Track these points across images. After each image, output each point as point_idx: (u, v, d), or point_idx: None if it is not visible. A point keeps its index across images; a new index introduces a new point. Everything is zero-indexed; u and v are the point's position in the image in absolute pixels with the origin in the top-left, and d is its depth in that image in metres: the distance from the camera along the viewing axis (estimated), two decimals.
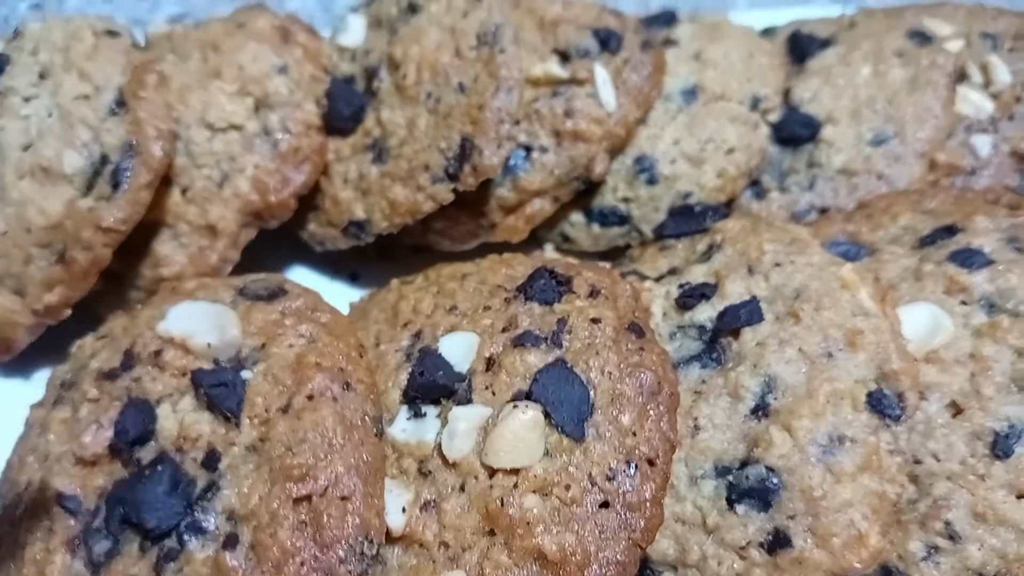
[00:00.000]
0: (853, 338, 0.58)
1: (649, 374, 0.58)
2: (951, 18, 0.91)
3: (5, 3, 1.21)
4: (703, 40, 0.85)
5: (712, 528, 0.56)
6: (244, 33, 0.75)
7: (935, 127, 0.81)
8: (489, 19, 0.72)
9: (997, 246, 0.66)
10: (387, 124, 0.75)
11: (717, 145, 0.79)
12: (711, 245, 0.69)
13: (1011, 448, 0.58)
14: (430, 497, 0.56)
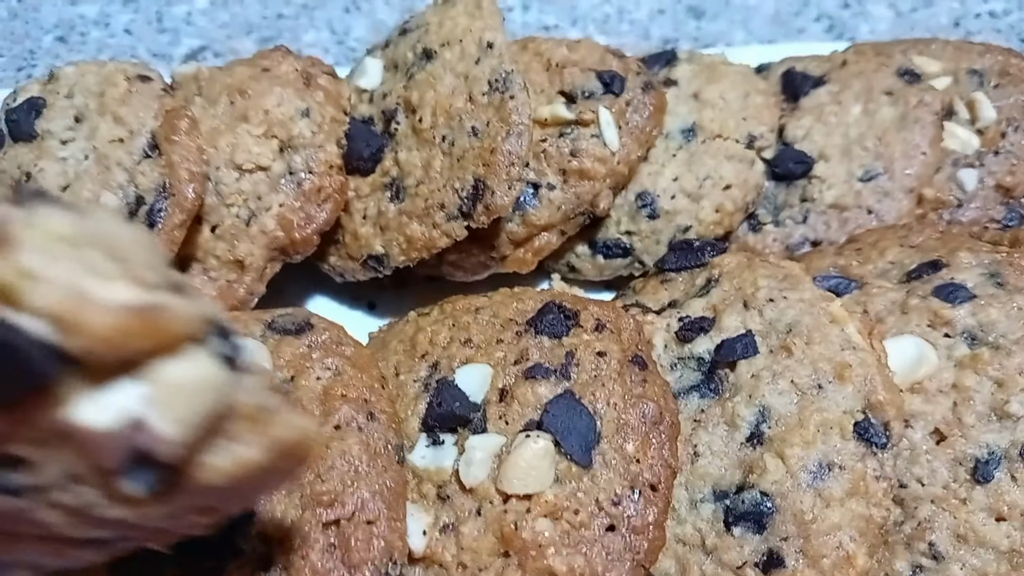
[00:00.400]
0: (841, 371, 0.62)
1: (652, 404, 0.62)
2: (939, 55, 0.95)
3: (30, 36, 1.25)
4: (701, 80, 0.89)
5: (711, 549, 0.60)
6: (269, 78, 0.80)
7: (922, 163, 0.86)
8: (500, 67, 0.77)
9: (979, 281, 0.70)
10: (404, 165, 0.79)
11: (715, 182, 0.84)
12: (709, 279, 0.73)
13: (991, 474, 0.62)
14: (449, 520, 0.60)
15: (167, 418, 0.30)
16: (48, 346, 0.27)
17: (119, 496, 0.33)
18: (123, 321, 0.27)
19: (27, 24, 1.27)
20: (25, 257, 0.27)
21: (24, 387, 0.28)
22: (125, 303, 0.27)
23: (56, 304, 0.27)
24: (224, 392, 0.31)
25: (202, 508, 0.36)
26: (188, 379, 0.29)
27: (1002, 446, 0.62)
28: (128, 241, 0.30)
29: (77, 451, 0.30)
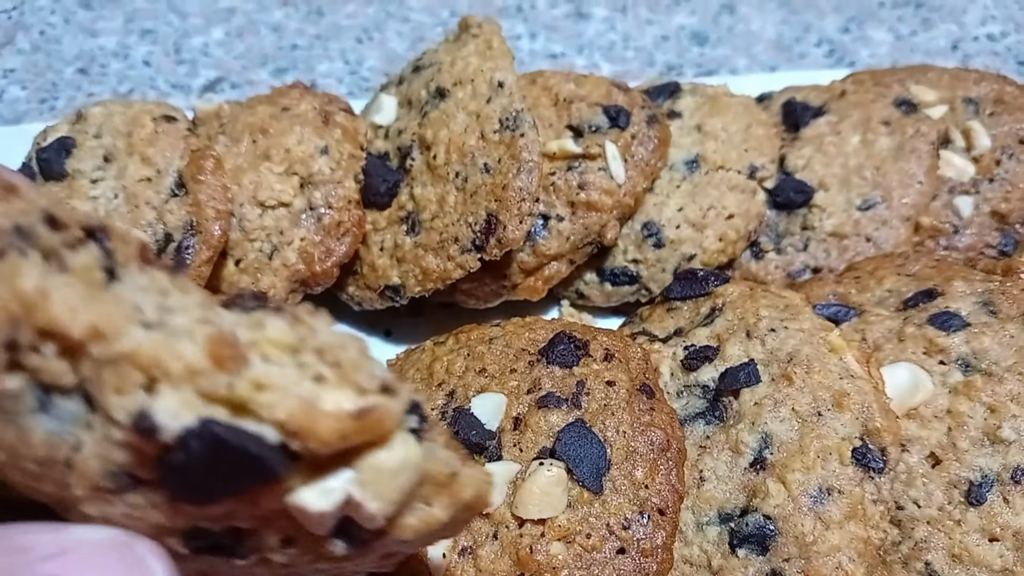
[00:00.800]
0: (840, 399, 0.65)
1: (659, 432, 0.65)
2: (935, 84, 0.98)
3: (52, 68, 1.29)
4: (704, 112, 0.93)
5: (716, 570, 0.63)
6: (289, 117, 0.83)
7: (919, 192, 0.89)
8: (510, 105, 0.80)
9: (973, 309, 0.73)
10: (419, 200, 0.83)
11: (718, 211, 0.87)
12: (713, 308, 0.76)
13: (984, 496, 0.64)
14: (467, 544, 0.63)
15: (374, 498, 0.33)
16: (278, 448, 0.31)
17: (324, 555, 0.37)
18: (344, 426, 0.31)
19: (49, 56, 1.31)
20: (256, 371, 0.31)
21: (255, 482, 0.31)
22: (346, 412, 0.31)
23: (287, 416, 0.30)
24: (421, 468, 0.35)
25: (387, 555, 0.41)
26: (392, 463, 0.33)
27: (994, 470, 0.65)
28: (338, 344, 0.33)
29: (294, 524, 0.34)
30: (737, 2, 1.38)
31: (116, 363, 0.30)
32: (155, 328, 0.31)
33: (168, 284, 0.34)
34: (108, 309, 0.30)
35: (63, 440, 0.32)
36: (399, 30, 1.34)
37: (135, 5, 1.38)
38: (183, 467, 0.30)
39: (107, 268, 0.32)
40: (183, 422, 0.30)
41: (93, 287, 0.31)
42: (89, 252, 0.32)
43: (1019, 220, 0.91)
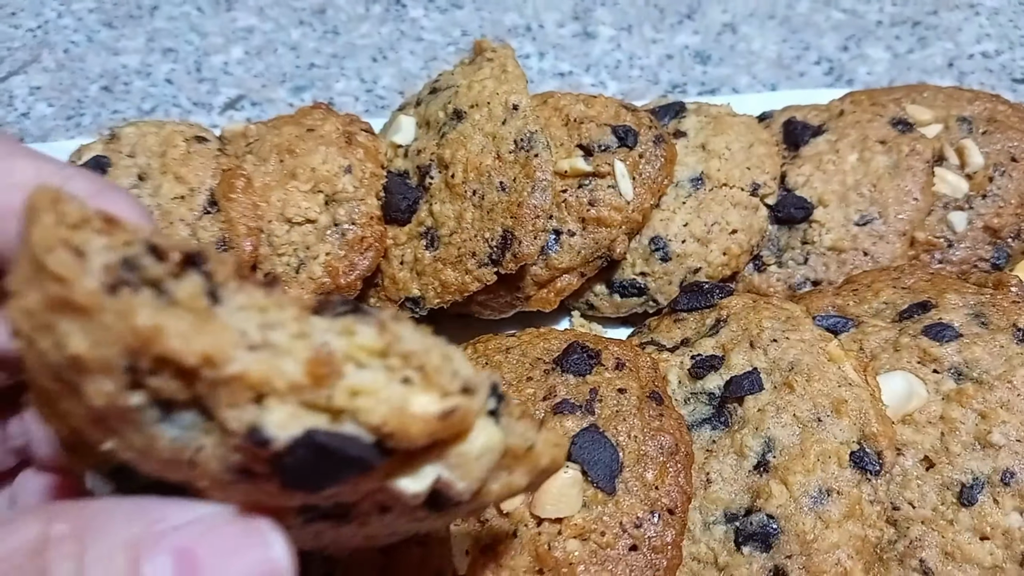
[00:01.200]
0: (838, 406, 0.69)
1: (668, 436, 0.69)
2: (931, 103, 1.02)
3: (77, 86, 1.34)
4: (708, 132, 0.97)
5: (723, 566, 0.67)
6: (314, 137, 0.88)
7: (914, 208, 0.93)
8: (525, 127, 0.85)
9: (965, 321, 0.77)
10: (438, 216, 0.87)
11: (722, 227, 0.91)
12: (718, 320, 0.81)
13: (975, 497, 0.68)
14: (487, 542, 0.67)
15: (461, 479, 0.38)
16: (373, 446, 0.35)
17: (417, 517, 0.42)
18: (431, 427, 0.35)
19: (74, 74, 1.35)
20: (350, 380, 0.35)
21: (356, 474, 0.36)
22: (432, 414, 0.35)
23: (381, 421, 0.35)
24: (500, 448, 0.39)
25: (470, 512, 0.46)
26: (476, 449, 0.38)
27: (985, 472, 0.68)
28: (421, 349, 0.37)
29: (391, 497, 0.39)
30: (739, 22, 1.43)
31: (228, 383, 0.34)
32: (259, 349, 0.34)
33: (264, 300, 0.37)
34: (217, 338, 0.33)
35: (186, 445, 0.36)
36: (413, 49, 1.38)
37: (156, 24, 1.43)
38: (293, 468, 0.35)
39: (210, 292, 0.36)
40: (290, 433, 0.34)
41: (200, 315, 0.34)
42: (192, 281, 0.36)
43: (1011, 234, 0.95)
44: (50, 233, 0.34)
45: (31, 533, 0.38)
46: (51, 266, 0.34)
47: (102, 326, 0.34)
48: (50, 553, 0.37)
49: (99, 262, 0.35)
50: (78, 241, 0.35)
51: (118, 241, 0.36)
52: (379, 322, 0.38)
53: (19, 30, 1.42)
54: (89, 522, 0.38)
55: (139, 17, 1.44)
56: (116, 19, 1.44)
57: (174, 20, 1.44)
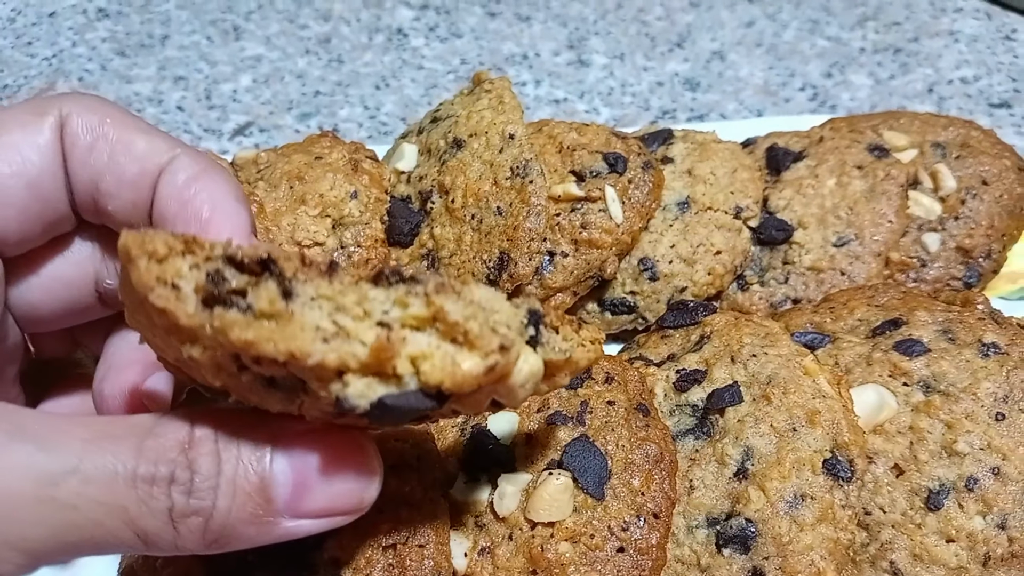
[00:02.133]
0: (812, 417, 0.74)
1: (654, 446, 0.74)
2: (907, 129, 1.07)
3: None
4: (694, 158, 1.02)
5: (705, 567, 0.72)
6: (322, 165, 0.93)
7: (889, 230, 0.98)
8: (520, 155, 0.90)
9: (933, 337, 0.82)
10: (439, 239, 0.92)
11: (707, 248, 0.96)
12: (702, 336, 0.85)
13: (941, 502, 0.72)
14: (485, 544, 0.71)
15: (511, 402, 0.48)
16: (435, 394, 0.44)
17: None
18: (479, 379, 0.44)
19: None
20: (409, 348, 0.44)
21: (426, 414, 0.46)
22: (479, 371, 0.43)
23: (438, 380, 0.43)
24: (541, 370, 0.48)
25: None
26: (520, 379, 0.46)
27: (951, 479, 0.73)
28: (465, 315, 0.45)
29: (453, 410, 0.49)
30: (727, 50, 1.48)
31: (312, 369, 0.42)
32: (332, 338, 0.43)
33: (328, 288, 0.45)
34: (297, 338, 0.41)
35: (292, 402, 0.46)
36: (414, 77, 1.44)
37: (167, 53, 1.49)
38: (375, 418, 0.44)
39: (283, 291, 0.43)
40: (368, 400, 0.43)
41: (280, 319, 0.42)
42: (267, 287, 0.43)
43: (982, 254, 0.99)
44: (146, 275, 0.42)
45: (181, 433, 0.47)
46: (155, 302, 0.42)
47: (207, 339, 0.42)
48: (196, 451, 0.47)
49: (190, 287, 0.43)
50: (171, 276, 0.42)
51: (201, 258, 0.44)
52: (426, 293, 0.45)
53: (35, 59, 1.48)
54: (223, 425, 0.48)
55: (151, 46, 1.50)
56: (129, 48, 1.50)
57: (185, 49, 1.50)
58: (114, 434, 0.46)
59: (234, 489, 0.47)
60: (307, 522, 0.49)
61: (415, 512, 0.69)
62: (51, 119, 0.58)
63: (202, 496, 0.46)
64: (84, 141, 0.58)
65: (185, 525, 0.46)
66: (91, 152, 0.58)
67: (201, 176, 0.58)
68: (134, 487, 0.45)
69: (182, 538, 0.47)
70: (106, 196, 0.59)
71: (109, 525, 0.45)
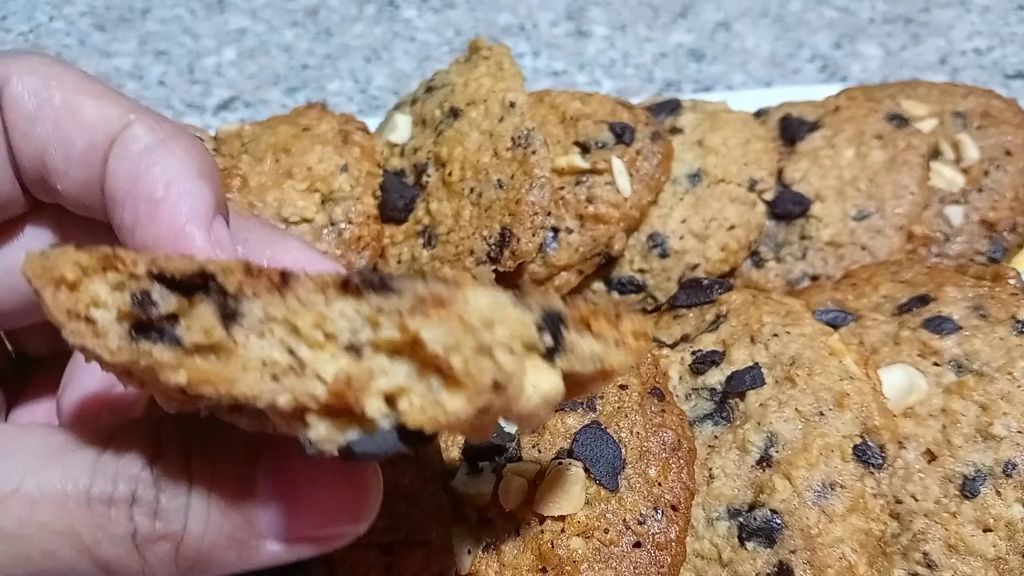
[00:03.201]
0: (840, 399, 0.69)
1: (670, 432, 0.69)
2: (925, 98, 1.03)
3: None
4: (705, 128, 0.97)
5: (727, 562, 0.67)
6: (310, 137, 0.87)
7: (911, 202, 0.93)
8: (522, 124, 0.84)
9: (964, 314, 0.77)
10: (436, 214, 0.87)
11: (720, 223, 0.91)
12: (718, 315, 0.80)
13: (977, 489, 0.68)
14: (490, 540, 0.66)
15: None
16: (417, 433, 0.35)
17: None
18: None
19: None
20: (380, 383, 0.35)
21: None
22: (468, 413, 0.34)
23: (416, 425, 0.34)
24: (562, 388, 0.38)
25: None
26: (532, 406, 0.36)
27: (987, 464, 0.68)
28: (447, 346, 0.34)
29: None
30: (732, 20, 1.43)
31: (266, 411, 0.36)
32: (284, 375, 0.35)
33: (280, 306, 0.36)
34: (239, 378, 0.34)
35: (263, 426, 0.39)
36: (406, 49, 1.38)
37: (148, 27, 1.43)
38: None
39: (225, 314, 0.36)
40: (333, 445, 0.35)
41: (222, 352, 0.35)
42: (204, 312, 0.36)
43: (1007, 228, 0.95)
44: (55, 309, 0.36)
45: (145, 444, 0.41)
46: (70, 339, 0.36)
47: (142, 372, 0.36)
48: (163, 466, 0.41)
49: (111, 316, 0.36)
50: (84, 307, 0.36)
51: (123, 276, 0.36)
52: (399, 312, 0.36)
53: (11, 34, 1.42)
54: (198, 437, 0.42)
55: (131, 20, 1.44)
56: (108, 22, 1.44)
57: (166, 23, 1.43)
58: (67, 447, 0.40)
59: (208, 509, 0.40)
60: (295, 547, 0.42)
61: (413, 506, 0.64)
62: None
63: (170, 518, 0.40)
64: (26, 109, 0.49)
65: (153, 552, 0.40)
66: (34, 121, 0.50)
67: (157, 147, 0.49)
68: (88, 509, 0.39)
69: (151, 567, 0.40)
70: (54, 174, 0.51)
71: (63, 555, 0.39)
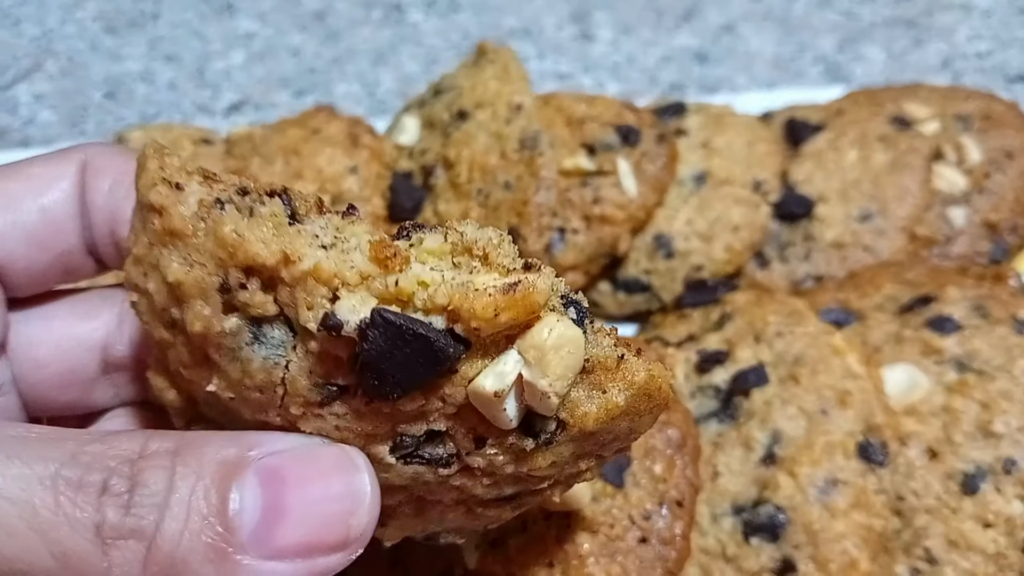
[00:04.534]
0: (843, 397, 0.70)
1: (675, 430, 0.70)
2: (928, 101, 1.04)
3: (81, 93, 1.35)
4: (710, 130, 0.98)
5: (731, 558, 0.68)
6: (320, 139, 0.89)
7: (913, 204, 0.94)
8: (529, 126, 0.86)
9: (965, 313, 0.78)
10: (443, 215, 0.88)
11: (724, 224, 0.92)
12: (723, 315, 0.81)
13: (977, 486, 0.69)
14: (497, 536, 0.67)
15: (542, 375, 0.38)
16: (446, 333, 0.37)
17: (515, 451, 0.42)
18: (497, 301, 0.36)
19: (77, 81, 1.36)
20: (416, 271, 0.37)
21: (434, 367, 0.37)
22: (497, 288, 0.37)
23: (447, 300, 0.36)
24: (582, 346, 0.39)
25: (583, 455, 0.44)
26: (553, 340, 0.38)
27: (987, 461, 0.69)
28: (484, 239, 0.39)
29: (482, 420, 0.40)
30: (736, 23, 1.44)
31: (304, 281, 0.37)
32: (331, 248, 0.37)
33: (341, 222, 0.39)
34: (292, 239, 0.37)
35: (276, 363, 0.39)
36: (413, 53, 1.39)
37: (158, 32, 1.44)
38: (369, 360, 0.36)
39: (290, 215, 0.39)
40: (360, 315, 0.36)
41: (279, 226, 0.37)
42: (276, 203, 0.39)
43: (1008, 229, 0.96)
44: (153, 175, 0.38)
45: (134, 445, 0.39)
46: (151, 199, 0.38)
47: (196, 248, 0.38)
48: (145, 463, 0.38)
49: (195, 197, 0.38)
50: (177, 177, 0.39)
51: (216, 188, 0.39)
52: (445, 229, 0.40)
53: (23, 38, 1.43)
54: (186, 442, 0.39)
55: (142, 24, 1.45)
56: (119, 26, 1.45)
57: (176, 27, 1.45)
58: (50, 437, 0.38)
59: (188, 510, 0.37)
60: (281, 565, 0.38)
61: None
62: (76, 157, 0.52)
63: (142, 514, 0.36)
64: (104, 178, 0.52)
65: (119, 551, 0.36)
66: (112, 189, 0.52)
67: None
68: (53, 489, 0.36)
69: (116, 567, 0.36)
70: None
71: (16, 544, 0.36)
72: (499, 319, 0.37)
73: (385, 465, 0.42)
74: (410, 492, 0.44)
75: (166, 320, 0.41)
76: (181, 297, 0.39)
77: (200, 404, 0.45)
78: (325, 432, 0.41)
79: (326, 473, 0.40)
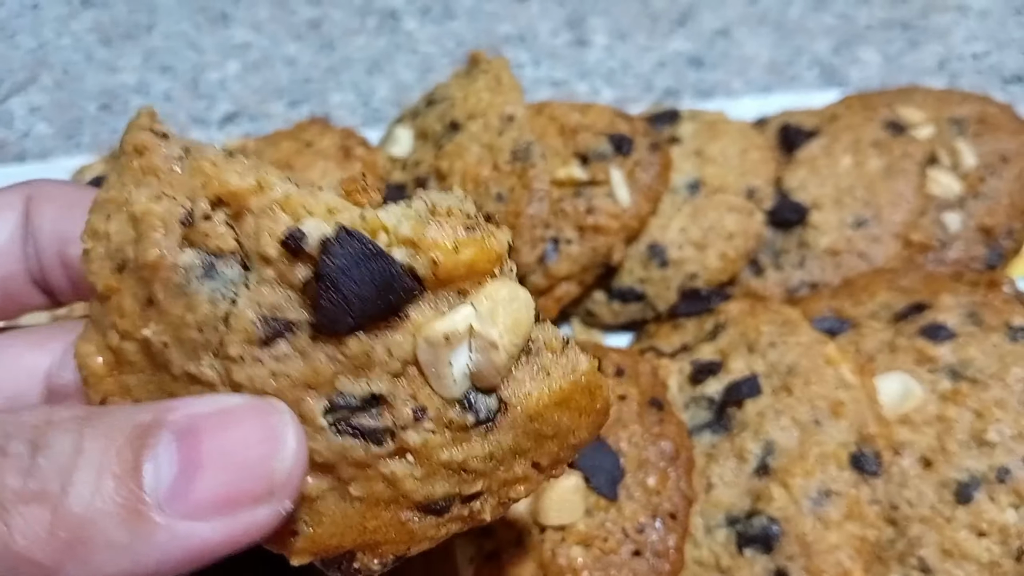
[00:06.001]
0: (836, 408, 0.70)
1: (668, 442, 0.70)
2: (922, 105, 1.03)
3: (76, 105, 1.35)
4: (703, 138, 0.98)
5: (725, 569, 0.68)
6: (312, 152, 0.89)
7: (908, 210, 0.94)
8: (521, 137, 0.86)
9: (959, 321, 0.78)
10: None
11: (718, 232, 0.92)
12: (717, 325, 0.81)
13: (971, 495, 0.69)
14: (491, 549, 0.67)
15: (493, 324, 0.39)
16: (407, 268, 0.38)
17: (453, 429, 0.41)
18: (459, 235, 0.39)
19: (72, 94, 1.36)
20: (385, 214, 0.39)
21: (392, 297, 0.38)
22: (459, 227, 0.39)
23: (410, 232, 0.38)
24: (532, 306, 0.41)
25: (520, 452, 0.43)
26: (505, 294, 0.40)
27: (981, 470, 0.69)
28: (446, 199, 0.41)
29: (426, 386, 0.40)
30: (731, 27, 1.44)
31: (272, 211, 0.38)
32: (302, 187, 0.40)
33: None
34: (267, 171, 0.40)
35: (223, 296, 0.39)
36: (408, 61, 1.39)
37: (153, 43, 1.44)
38: (327, 273, 0.37)
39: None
40: (323, 231, 0.37)
41: (257, 164, 0.41)
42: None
43: (1004, 233, 0.95)
44: (142, 124, 0.41)
45: (38, 414, 0.38)
46: (137, 140, 0.40)
47: (169, 183, 0.40)
48: (49, 427, 0.36)
49: (179, 145, 0.41)
50: (164, 129, 0.41)
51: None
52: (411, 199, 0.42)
53: (18, 51, 1.43)
54: (97, 411, 0.38)
55: (136, 36, 1.45)
56: (114, 38, 1.45)
57: (170, 38, 1.45)
58: None
59: (99, 471, 0.35)
60: (201, 525, 0.36)
61: None
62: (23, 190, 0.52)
63: (45, 477, 0.34)
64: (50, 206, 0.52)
65: (21, 516, 0.34)
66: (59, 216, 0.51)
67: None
68: None
69: (19, 534, 0.34)
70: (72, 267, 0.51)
71: None
72: (459, 256, 0.39)
73: (317, 428, 0.40)
74: (335, 477, 0.42)
75: (117, 262, 0.41)
76: (141, 232, 0.40)
77: (123, 368, 0.43)
78: (260, 381, 0.40)
79: (242, 418, 0.38)
